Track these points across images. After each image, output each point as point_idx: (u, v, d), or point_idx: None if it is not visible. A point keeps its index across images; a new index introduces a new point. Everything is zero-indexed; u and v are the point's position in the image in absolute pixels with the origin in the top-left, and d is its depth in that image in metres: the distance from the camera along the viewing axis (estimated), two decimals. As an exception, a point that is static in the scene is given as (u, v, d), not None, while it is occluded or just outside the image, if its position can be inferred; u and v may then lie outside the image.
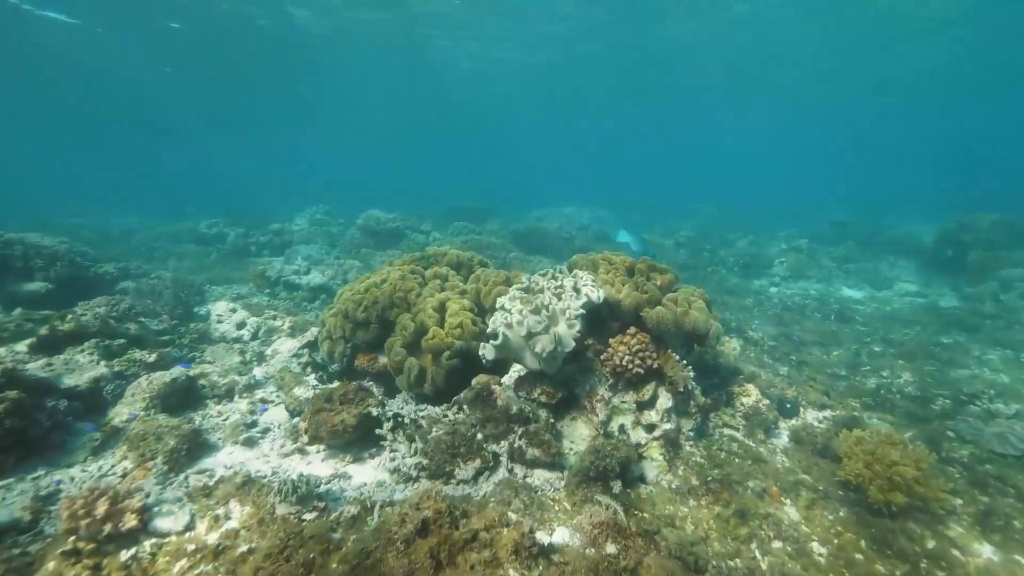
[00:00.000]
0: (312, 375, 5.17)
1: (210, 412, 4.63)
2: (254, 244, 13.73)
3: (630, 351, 4.03)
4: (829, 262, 15.53)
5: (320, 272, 10.22)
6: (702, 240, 18.93)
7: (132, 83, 29.65)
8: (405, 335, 4.78)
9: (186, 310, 7.20)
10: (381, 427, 4.00)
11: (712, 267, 15.24)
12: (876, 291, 13.58)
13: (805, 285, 14.05)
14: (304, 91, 33.61)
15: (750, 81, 31.69)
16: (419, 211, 18.21)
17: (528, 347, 3.80)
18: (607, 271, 4.49)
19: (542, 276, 4.33)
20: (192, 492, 3.64)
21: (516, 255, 13.30)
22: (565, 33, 23.15)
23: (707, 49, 24.67)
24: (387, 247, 14.45)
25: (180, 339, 6.15)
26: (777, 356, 7.84)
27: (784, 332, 9.41)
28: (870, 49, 24.42)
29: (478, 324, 4.88)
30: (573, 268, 4.75)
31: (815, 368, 7.63)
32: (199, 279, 10.38)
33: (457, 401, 4.32)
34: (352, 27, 21.50)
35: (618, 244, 16.93)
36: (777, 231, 20.81)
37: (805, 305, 11.79)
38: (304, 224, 15.78)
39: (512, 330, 3.80)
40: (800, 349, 8.68)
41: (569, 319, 3.84)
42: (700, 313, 4.16)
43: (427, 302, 5.00)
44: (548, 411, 4.08)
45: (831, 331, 9.83)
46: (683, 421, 4.25)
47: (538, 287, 4.12)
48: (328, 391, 4.08)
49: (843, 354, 8.54)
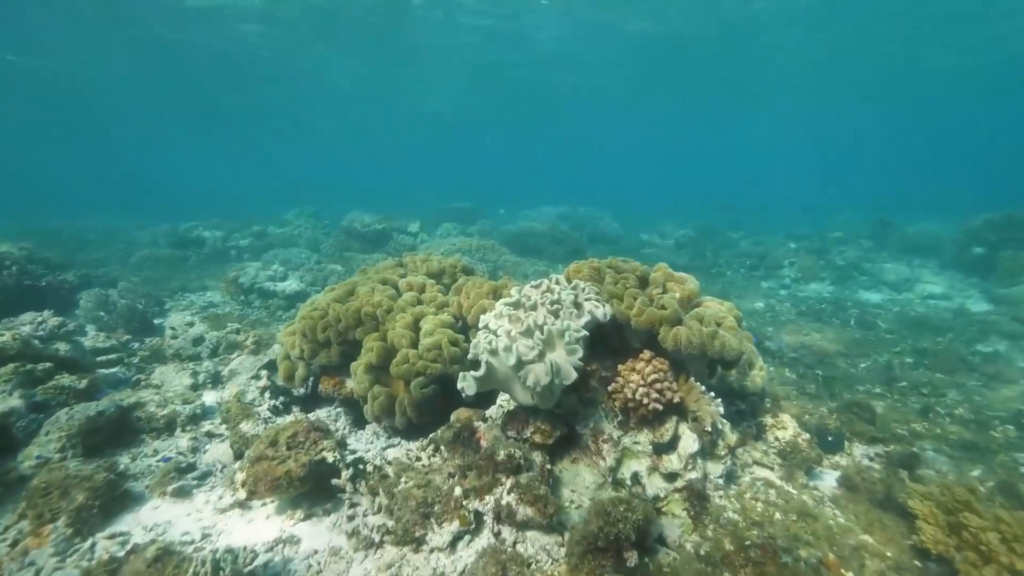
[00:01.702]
0: (270, 402, 4.38)
1: (144, 451, 3.85)
2: (234, 248, 12.96)
3: (644, 381, 3.24)
4: (842, 262, 14.75)
5: (298, 278, 9.44)
6: (704, 240, 18.18)
7: (118, 89, 29.00)
8: (371, 357, 4.00)
9: (143, 323, 6.43)
10: (339, 475, 3.22)
11: (716, 268, 14.48)
12: (896, 293, 12.79)
13: (818, 287, 13.26)
14: (288, 91, 32.92)
15: (755, 80, 30.97)
16: (408, 212, 17.46)
17: (518, 378, 3.02)
18: (614, 281, 3.70)
19: (535, 287, 3.54)
20: (93, 570, 2.85)
21: (508, 258, 12.52)
22: (560, 29, 22.47)
23: (712, 45, 23.95)
24: (372, 250, 13.69)
25: (129, 358, 5.38)
26: (801, 371, 7.05)
27: (803, 342, 8.62)
28: (891, 44, 23.71)
29: (460, 344, 4.10)
30: (572, 277, 3.97)
31: (844, 384, 6.85)
32: (172, 285, 9.62)
33: (434, 440, 3.54)
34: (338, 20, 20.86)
35: (620, 243, 16.22)
36: (783, 230, 20.06)
37: (821, 310, 11.01)
38: (287, 227, 15.00)
39: (498, 357, 3.02)
40: (824, 361, 7.90)
41: (569, 343, 3.06)
42: (732, 335, 3.37)
43: (399, 319, 4.22)
44: (544, 454, 3.30)
45: (854, 339, 9.04)
46: (710, 465, 3.46)
47: (530, 302, 3.34)
48: (274, 431, 3.28)
49: (872, 366, 7.75)
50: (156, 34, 21.00)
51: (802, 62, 26.58)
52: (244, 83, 29.50)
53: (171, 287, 9.32)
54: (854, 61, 26.05)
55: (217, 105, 36.84)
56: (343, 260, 12.40)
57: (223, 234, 13.31)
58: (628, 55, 25.52)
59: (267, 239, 13.72)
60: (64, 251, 11.61)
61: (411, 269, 5.70)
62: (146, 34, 20.86)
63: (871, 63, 26.29)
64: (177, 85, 28.57)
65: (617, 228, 19.01)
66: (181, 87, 29.06)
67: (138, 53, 23.00)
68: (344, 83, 30.85)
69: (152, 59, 23.99)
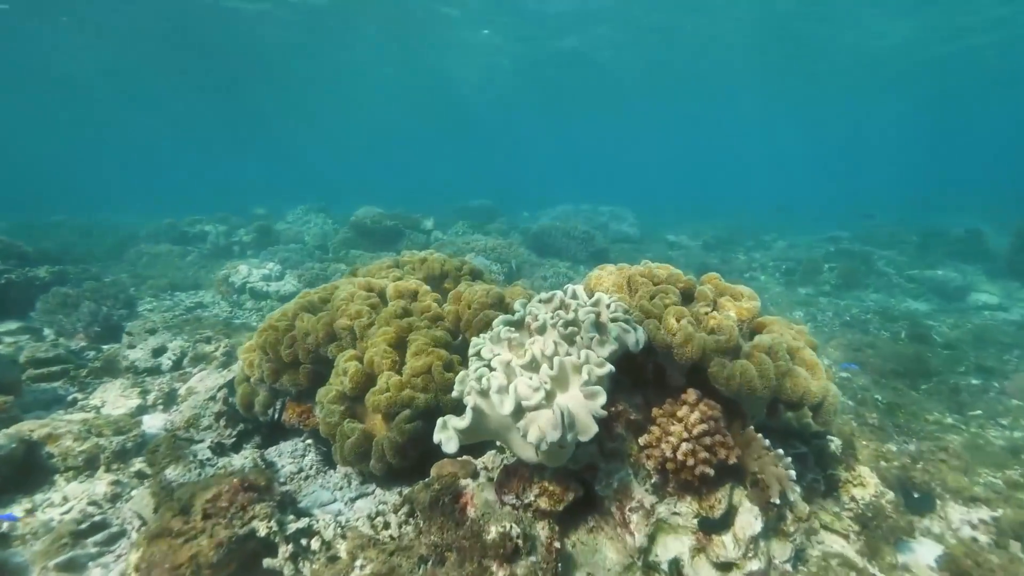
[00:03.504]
0: (220, 433, 3.61)
1: (51, 497, 3.11)
2: (237, 244, 12.33)
3: (689, 434, 2.40)
4: (886, 267, 13.64)
5: (296, 277, 8.73)
6: (734, 242, 17.15)
7: (128, 80, 28.82)
8: (343, 383, 3.22)
9: (107, 327, 5.75)
10: (275, 552, 2.44)
11: (750, 272, 13.47)
12: (947, 303, 11.68)
13: (860, 295, 12.19)
14: (305, 84, 32.50)
15: (783, 76, 29.81)
16: (424, 209, 16.76)
17: (517, 430, 2.19)
18: (649, 294, 2.85)
19: (544, 302, 2.71)
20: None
21: (527, 258, 11.69)
22: (584, 20, 21.66)
23: (741, 39, 22.92)
24: (383, 248, 12.97)
25: (77, 370, 4.68)
26: (858, 396, 6.11)
27: (853, 358, 7.65)
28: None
29: (456, 367, 3.30)
30: (595, 287, 3.13)
31: (909, 411, 5.90)
32: (161, 283, 8.98)
33: (409, 500, 2.74)
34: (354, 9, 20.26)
35: (645, 243, 15.29)
36: (816, 232, 18.93)
37: (867, 320, 10.00)
38: (294, 222, 14.36)
39: (489, 400, 2.20)
40: (879, 382, 6.94)
41: (588, 382, 2.23)
42: (813, 373, 2.51)
43: (380, 334, 3.42)
44: (551, 524, 2.47)
45: (910, 355, 8.03)
46: (775, 547, 2.59)
47: (537, 322, 2.51)
48: (189, 492, 2.47)
49: (936, 389, 6.77)
50: (176, 26, 20.66)
51: (830, 57, 25.48)
52: (259, 74, 29.10)
53: (160, 285, 8.68)
54: (885, 55, 24.87)
55: (232, 97, 36.59)
56: (349, 259, 11.70)
57: (226, 229, 12.69)
58: (654, 50, 24.66)
59: (272, 235, 13.08)
60: (59, 245, 11.07)
61: (408, 270, 4.92)
62: (168, 27, 20.53)
63: (903, 56, 25.05)
64: (191, 76, 28.21)
65: (641, 227, 18.08)
66: (196, 78, 28.71)
67: (158, 45, 22.74)
68: (363, 76, 30.37)
69: (170, 52, 23.72)
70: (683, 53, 25.33)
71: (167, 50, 23.34)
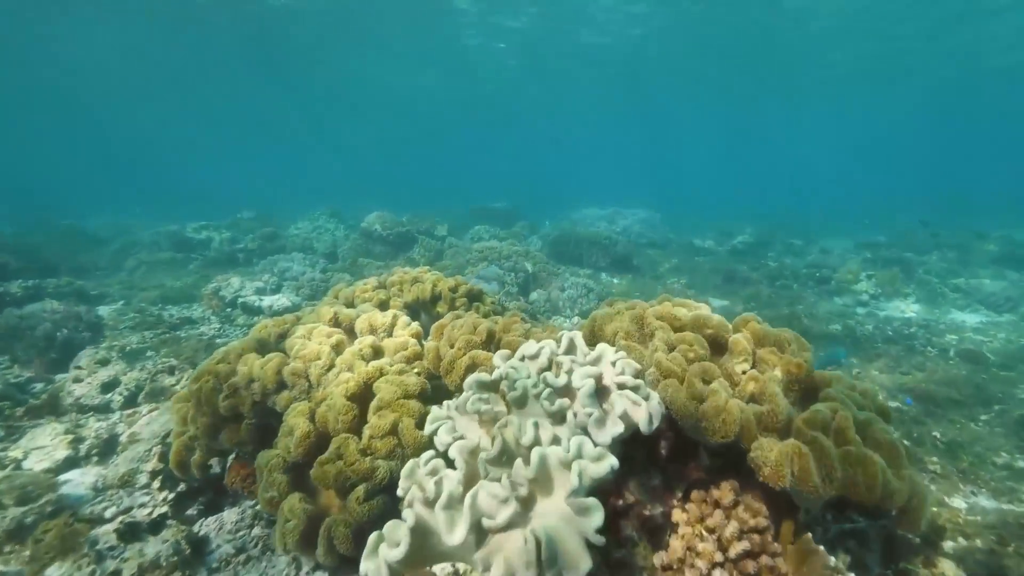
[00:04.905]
0: (151, 500, 3.04)
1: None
2: (242, 251, 11.87)
3: (724, 555, 1.74)
4: (927, 276, 12.67)
5: (294, 290, 8.21)
6: (763, 247, 16.27)
7: (138, 80, 28.92)
8: (287, 447, 2.62)
9: (65, 354, 5.25)
10: None
11: (781, 280, 12.60)
12: (996, 315, 10.72)
13: (901, 305, 11.27)
14: (321, 86, 32.29)
15: (811, 75, 28.71)
16: (441, 213, 16.21)
17: (475, 562, 1.55)
18: (668, 345, 2.19)
19: (530, 358, 2.07)
20: None
21: (543, 267, 11.02)
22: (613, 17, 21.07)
23: (770, 38, 22.07)
24: (394, 255, 12.45)
25: (12, 409, 4.15)
26: (914, 433, 5.34)
27: (902, 383, 6.85)
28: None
29: (429, 423, 2.67)
30: (598, 332, 2.48)
31: (973, 452, 5.12)
32: (152, 296, 8.53)
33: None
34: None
35: (670, 247, 14.50)
36: (851, 236, 17.92)
37: (911, 335, 9.14)
38: (305, 228, 13.89)
39: (436, 516, 1.56)
40: (933, 412, 6.13)
41: (579, 489, 1.58)
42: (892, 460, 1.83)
43: (341, 382, 2.81)
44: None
45: (963, 378, 7.20)
46: None
47: (516, 390, 1.87)
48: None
49: (998, 420, 5.95)
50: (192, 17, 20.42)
51: (857, 58, 24.47)
52: (272, 75, 28.94)
53: (151, 297, 8.22)
54: (912, 59, 23.89)
55: (244, 100, 36.63)
56: (356, 268, 11.16)
57: (231, 235, 12.26)
58: (677, 50, 23.90)
59: (278, 241, 12.61)
60: (59, 252, 10.74)
61: (395, 292, 4.32)
62: (184, 17, 20.32)
63: (930, 60, 24.02)
64: (205, 78, 28.17)
65: (667, 231, 17.29)
66: (209, 80, 28.68)
67: (174, 36, 22.64)
68: (383, 75, 30.09)
69: (185, 45, 23.63)
70: (712, 54, 24.54)
71: (183, 43, 23.24)
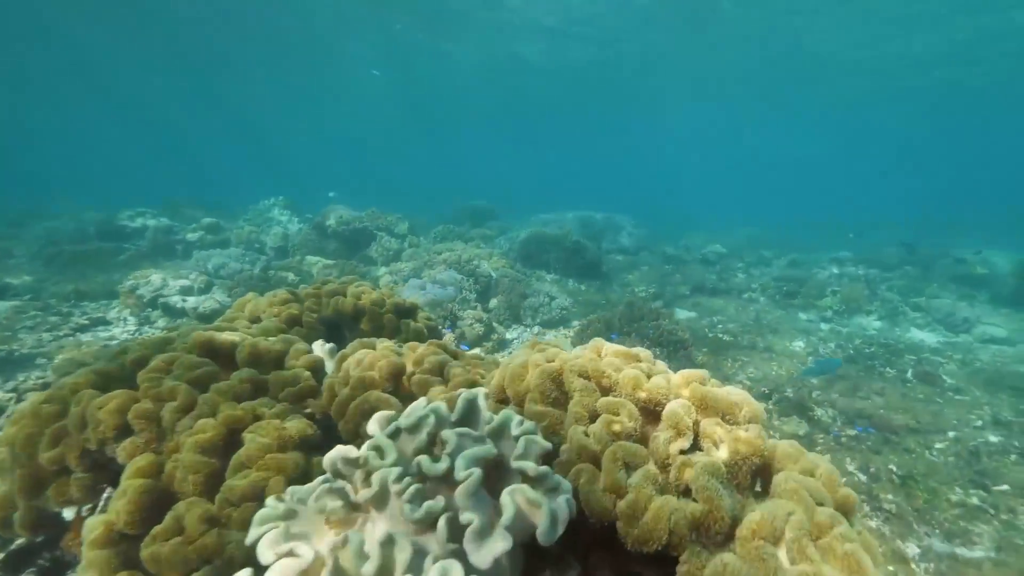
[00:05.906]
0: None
1: None
2: (180, 242, 11.07)
3: None
4: (890, 293, 12.63)
5: (225, 290, 7.54)
6: (734, 258, 16.13)
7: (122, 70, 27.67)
8: (119, 512, 2.07)
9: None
10: None
11: (748, 292, 12.39)
12: (953, 335, 10.69)
13: (863, 322, 11.15)
14: (293, 70, 31.30)
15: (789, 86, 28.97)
16: (409, 210, 15.58)
17: None
18: (588, 411, 1.74)
19: (407, 431, 1.57)
20: None
21: (507, 271, 10.50)
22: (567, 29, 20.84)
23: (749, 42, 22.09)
24: (349, 254, 11.82)
25: None
26: (870, 469, 5.05)
27: (861, 408, 6.59)
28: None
29: (313, 478, 2.17)
30: (509, 388, 2.00)
31: (926, 487, 4.85)
32: (66, 290, 7.75)
33: None
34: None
35: (640, 255, 14.21)
36: (824, 251, 17.83)
37: (871, 354, 8.97)
38: (254, 219, 13.10)
39: None
40: (890, 441, 5.87)
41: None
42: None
43: (197, 429, 2.27)
44: None
45: (919, 402, 7.02)
46: None
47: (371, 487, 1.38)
48: None
49: (952, 450, 5.73)
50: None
51: (839, 66, 24.67)
52: (248, 57, 27.80)
53: (63, 293, 7.47)
54: (897, 68, 24.13)
55: (221, 86, 35.30)
56: (302, 266, 10.48)
57: (168, 223, 11.40)
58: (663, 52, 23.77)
59: (223, 234, 11.83)
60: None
61: (309, 307, 3.77)
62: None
63: (917, 72, 24.33)
64: (162, 53, 26.89)
65: (641, 237, 16.83)
66: (166, 56, 27.42)
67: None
68: (357, 73, 29.33)
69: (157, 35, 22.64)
70: (692, 59, 24.47)
71: (138, 26, 22.12)
